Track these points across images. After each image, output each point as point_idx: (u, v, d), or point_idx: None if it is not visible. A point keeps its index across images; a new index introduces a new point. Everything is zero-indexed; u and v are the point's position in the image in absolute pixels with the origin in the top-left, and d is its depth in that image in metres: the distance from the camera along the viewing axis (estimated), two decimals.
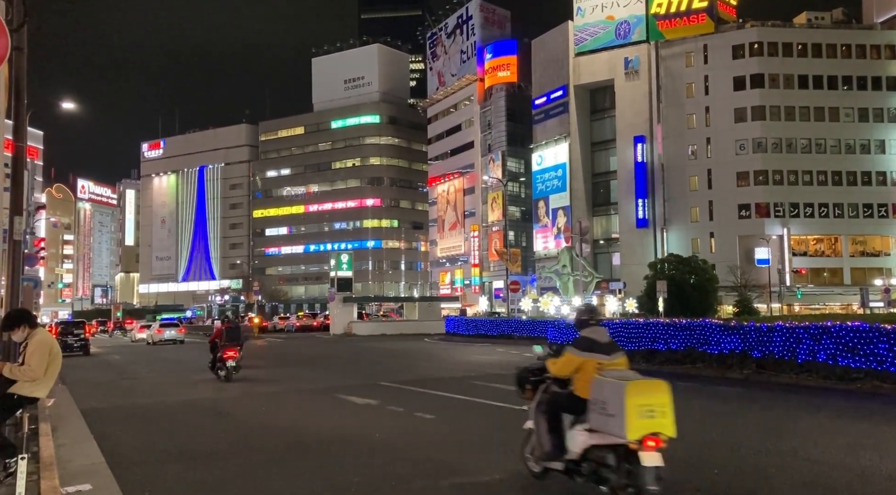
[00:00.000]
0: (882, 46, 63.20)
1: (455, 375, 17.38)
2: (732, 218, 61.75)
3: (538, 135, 75.29)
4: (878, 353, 12.75)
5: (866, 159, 62.60)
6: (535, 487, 6.44)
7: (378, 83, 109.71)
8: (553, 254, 66.53)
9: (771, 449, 7.82)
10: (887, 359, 12.61)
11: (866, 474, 6.63)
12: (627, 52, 67.15)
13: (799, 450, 7.74)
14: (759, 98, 61.74)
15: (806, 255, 62.51)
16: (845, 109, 62.57)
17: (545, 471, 6.31)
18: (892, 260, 61.91)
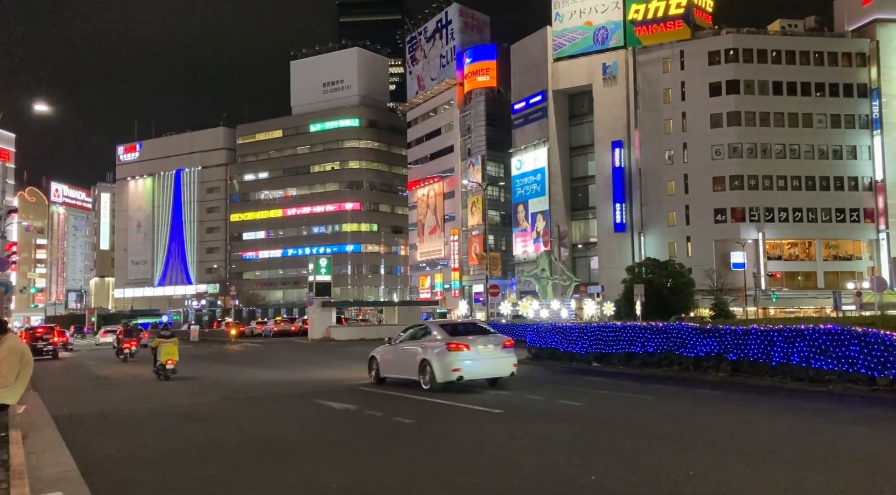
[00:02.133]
0: (853, 54, 64.41)
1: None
2: (708, 222, 62.45)
3: (517, 140, 75.60)
4: (850, 355, 12.96)
5: (839, 164, 63.70)
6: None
7: (357, 87, 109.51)
8: (532, 258, 66.73)
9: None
10: (858, 360, 12.82)
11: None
12: (605, 57, 67.71)
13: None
14: (734, 104, 62.57)
15: (780, 259, 63.37)
16: (818, 115, 63.65)
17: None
18: (863, 263, 62.98)
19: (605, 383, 15.64)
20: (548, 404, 12.40)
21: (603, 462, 7.60)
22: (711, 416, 10.83)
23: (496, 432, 9.77)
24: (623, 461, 7.63)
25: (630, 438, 8.98)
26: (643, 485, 6.51)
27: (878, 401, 11.98)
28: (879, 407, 11.29)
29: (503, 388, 14.88)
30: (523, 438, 9.27)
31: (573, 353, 20.18)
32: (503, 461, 7.74)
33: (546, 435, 9.50)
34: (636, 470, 7.13)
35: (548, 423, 10.38)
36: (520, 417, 11.03)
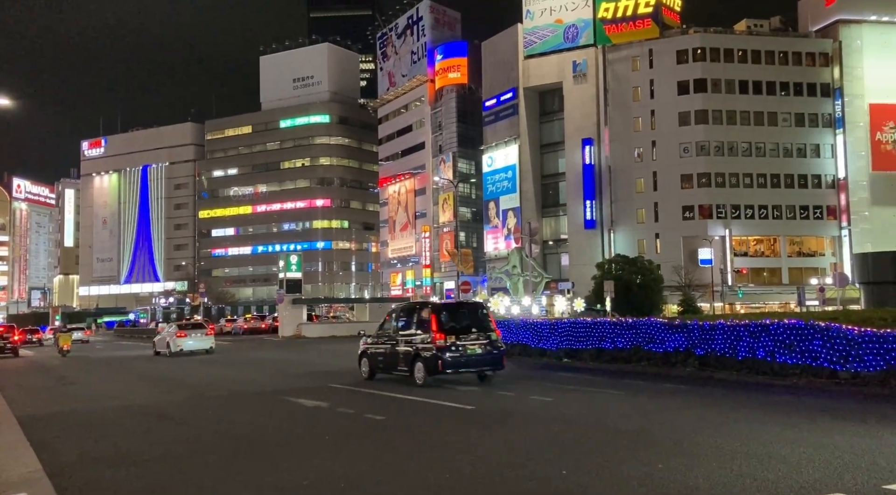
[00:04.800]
0: (816, 54, 65.75)
1: (405, 375, 17.34)
2: (677, 219, 63.28)
3: (488, 137, 75.79)
4: (813, 350, 13.26)
5: (803, 162, 65.02)
6: None
7: (328, 83, 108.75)
8: (503, 254, 67.04)
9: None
10: (821, 354, 13.12)
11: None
12: (576, 55, 68.17)
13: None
14: (701, 102, 63.46)
15: (746, 256, 64.51)
16: (783, 114, 64.87)
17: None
18: (826, 260, 64.40)
19: (575, 378, 15.78)
20: (519, 400, 12.48)
21: (574, 456, 7.68)
22: (679, 411, 10.99)
23: (468, 428, 9.81)
24: (593, 455, 7.72)
25: (600, 433, 9.08)
26: (613, 479, 6.60)
27: (840, 394, 12.28)
28: (840, 401, 11.58)
29: (474, 384, 14.94)
30: (495, 434, 9.32)
31: (544, 349, 20.33)
32: (475, 456, 7.78)
33: (517, 430, 9.56)
34: (606, 465, 7.22)
35: (519, 419, 10.45)
36: (491, 413, 11.09)
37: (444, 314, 15.20)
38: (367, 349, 16.79)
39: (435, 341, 14.50)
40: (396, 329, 16.02)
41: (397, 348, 15.58)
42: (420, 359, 14.75)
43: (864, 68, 64.88)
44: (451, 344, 14.52)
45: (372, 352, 16.58)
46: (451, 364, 14.52)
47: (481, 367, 15.10)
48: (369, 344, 16.87)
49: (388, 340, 16.08)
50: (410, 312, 16.14)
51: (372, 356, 16.55)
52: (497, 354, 15.12)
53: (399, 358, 15.48)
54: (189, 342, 30.94)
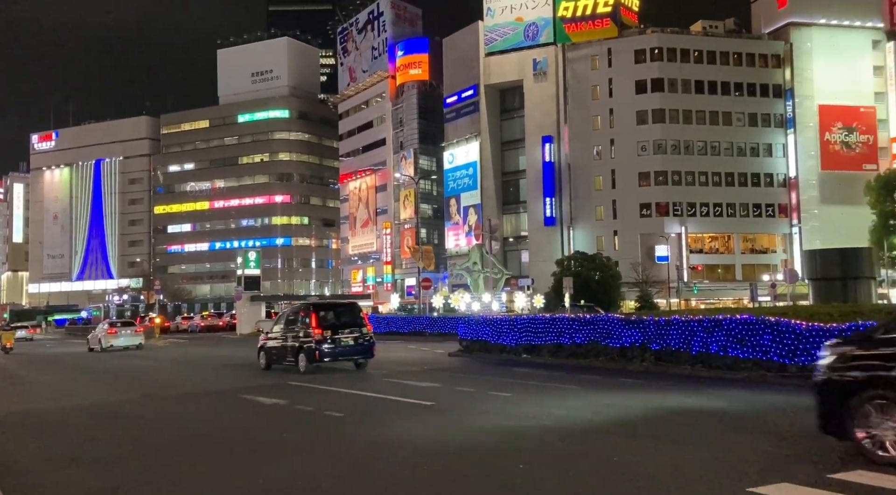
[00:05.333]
0: (769, 55, 67.45)
1: (366, 372, 17.33)
2: (634, 216, 64.27)
3: (450, 134, 75.85)
4: (763, 344, 13.63)
5: (756, 161, 66.67)
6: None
7: (287, 77, 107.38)
8: (465, 251, 67.19)
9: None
10: (771, 349, 13.50)
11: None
12: (536, 53, 68.64)
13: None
14: (659, 101, 64.54)
15: (702, 253, 65.87)
16: (737, 114, 66.39)
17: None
18: (778, 256, 66.15)
19: (534, 374, 15.93)
20: (478, 395, 12.54)
21: (532, 450, 7.76)
22: (633, 404, 11.18)
23: (427, 424, 9.83)
24: (551, 449, 7.81)
25: (558, 428, 9.19)
26: (571, 472, 6.69)
27: (788, 388, 12.65)
28: (786, 393, 11.92)
29: (435, 381, 14.97)
30: (454, 429, 9.35)
31: (504, 345, 20.47)
32: (434, 452, 7.80)
33: (476, 425, 9.61)
34: (564, 458, 7.31)
35: (478, 414, 10.51)
36: (451, 409, 11.12)
37: (322, 313, 18.05)
38: (265, 344, 19.49)
39: (314, 336, 17.33)
40: (286, 327, 18.80)
41: (286, 343, 18.34)
42: (302, 351, 17.57)
43: (814, 70, 66.78)
44: (327, 337, 17.31)
45: (268, 347, 19.25)
46: (328, 354, 17.38)
47: (354, 356, 17.95)
48: (266, 339, 19.56)
49: (279, 337, 18.84)
50: (297, 312, 18.95)
51: (268, 350, 19.20)
52: (367, 345, 17.93)
53: (287, 350, 18.22)
54: (119, 339, 32.70)
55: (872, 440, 6.53)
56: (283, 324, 19.11)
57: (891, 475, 6.06)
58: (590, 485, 6.22)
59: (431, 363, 20.18)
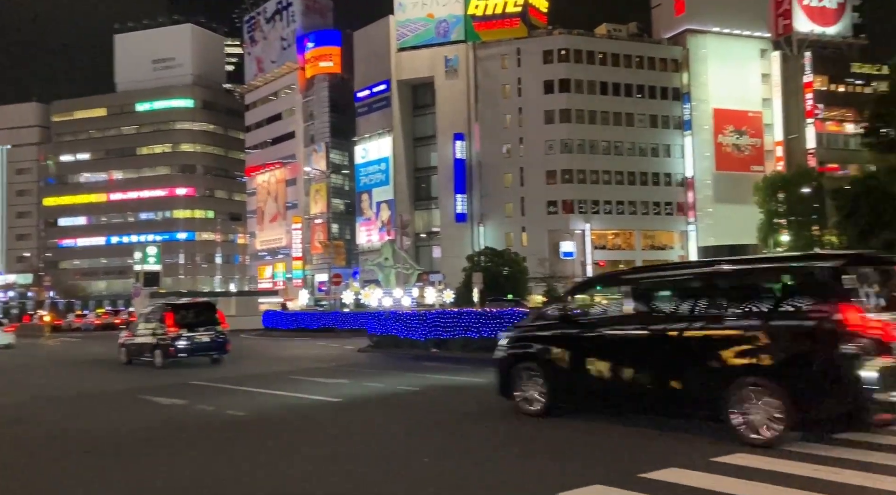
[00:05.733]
0: (668, 60, 70.64)
1: (272, 371, 16.96)
2: (542, 213, 65.85)
3: (362, 128, 75.23)
4: None
5: (656, 162, 69.73)
6: None
7: (191, 65, 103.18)
8: (377, 247, 66.81)
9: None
10: None
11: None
12: (447, 50, 69.06)
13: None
14: (566, 101, 66.34)
15: (605, 249, 68.28)
16: (639, 116, 69.20)
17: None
18: (676, 252, 69.41)
19: (443, 368, 16.06)
20: (387, 391, 12.53)
21: (440, 444, 7.83)
22: None
23: (334, 421, 9.73)
24: (462, 443, 7.90)
25: (466, 421, 9.30)
26: (477, 466, 6.79)
27: None
28: None
29: (343, 377, 14.84)
30: (362, 426, 9.31)
31: (413, 340, 20.51)
32: (341, 449, 7.74)
33: (385, 421, 9.61)
34: (472, 451, 7.41)
35: (387, 410, 10.50)
36: (359, 405, 11.06)
37: (178, 312, 19.23)
38: (125, 341, 20.65)
39: (169, 333, 18.55)
40: (146, 325, 19.90)
41: (145, 340, 19.41)
42: (158, 347, 18.68)
43: (709, 75, 70.46)
44: (182, 335, 18.55)
45: (128, 343, 20.39)
46: (182, 350, 18.53)
47: (209, 353, 19.16)
48: (128, 336, 20.67)
49: (139, 334, 19.99)
50: (155, 312, 20.06)
51: (129, 346, 20.31)
52: (221, 341, 19.21)
53: (145, 347, 19.27)
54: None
55: (525, 398, 8.99)
56: (144, 322, 20.27)
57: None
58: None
59: (340, 359, 20.02)
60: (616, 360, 8.16)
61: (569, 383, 8.69)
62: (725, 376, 7.20)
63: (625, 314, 8.42)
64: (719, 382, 7.21)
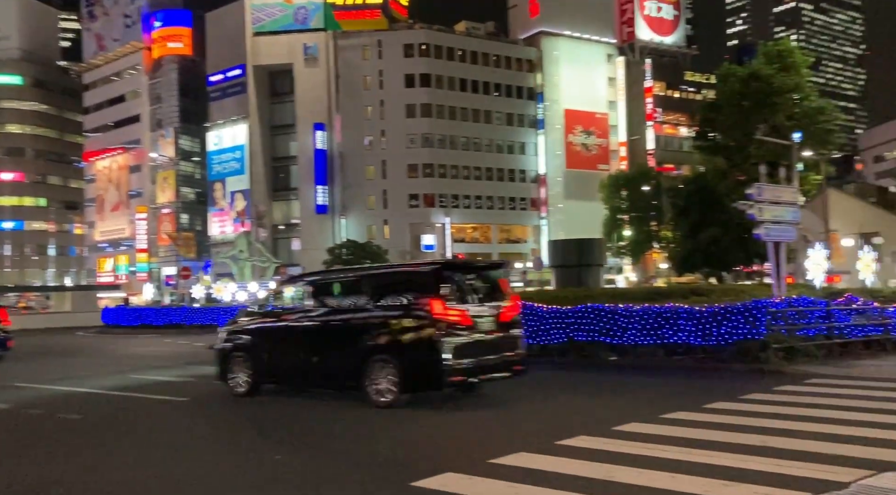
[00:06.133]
0: (524, 60, 73.34)
1: (110, 370, 15.77)
2: (404, 206, 66.24)
3: (215, 114, 71.85)
4: None
5: (511, 158, 72.26)
6: None
7: (18, 39, 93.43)
8: (231, 238, 64.25)
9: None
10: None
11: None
12: (307, 38, 67.48)
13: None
14: (426, 96, 67.04)
15: (464, 242, 69.82)
16: (497, 113, 71.35)
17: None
18: (529, 246, 72.35)
19: None
20: (225, 388, 12.01)
21: (288, 441, 7.62)
22: None
23: (178, 421, 9.22)
24: (307, 439, 7.73)
25: (321, 417, 9.13)
26: (329, 460, 6.66)
27: (530, 365, 13.87)
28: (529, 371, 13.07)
29: (190, 375, 14.10)
30: (208, 425, 8.90)
31: None
32: (183, 449, 7.34)
33: (232, 419, 9.25)
34: (321, 446, 7.27)
35: (234, 407, 10.09)
36: (206, 404, 10.56)
37: None
38: None
39: None
40: None
41: None
42: None
43: (561, 76, 73.95)
44: None
45: None
46: None
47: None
48: None
49: None
50: None
51: None
52: (1, 339, 18.87)
53: None
54: None
55: (236, 382, 10.59)
56: None
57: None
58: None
59: (187, 357, 19.00)
60: (296, 345, 10.15)
61: (266, 366, 10.48)
62: (363, 355, 9.21)
63: (304, 307, 10.47)
64: (359, 360, 9.22)
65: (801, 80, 44.12)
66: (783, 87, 42.12)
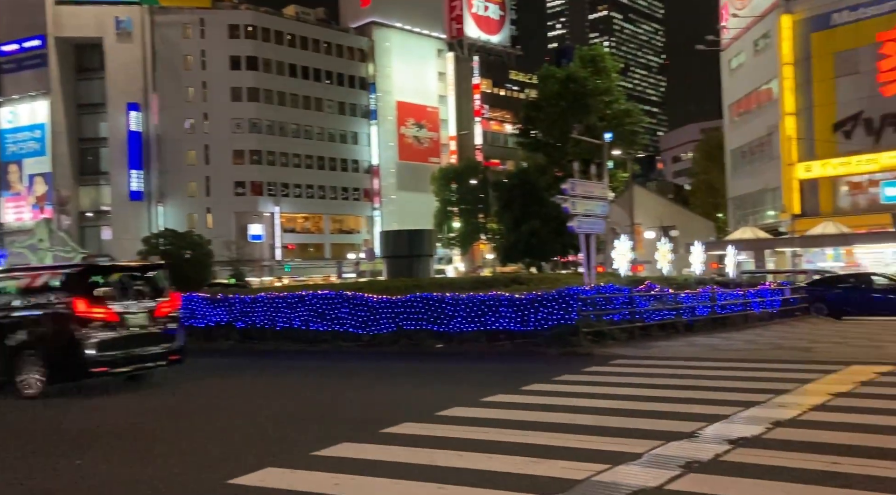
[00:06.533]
0: (355, 49, 72.82)
1: None
2: (229, 194, 63.34)
3: (9, 88, 64.10)
4: (341, 317, 14.72)
5: (344, 148, 71.60)
6: None
7: None
8: (30, 226, 57.62)
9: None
10: (347, 321, 14.65)
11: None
12: (119, 11, 62.15)
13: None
14: (254, 80, 64.44)
15: (295, 232, 68.28)
16: (328, 102, 70.25)
17: None
18: (362, 237, 72.24)
19: None
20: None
21: (80, 443, 7.04)
22: (223, 381, 11.03)
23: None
24: (124, 437, 7.20)
25: (129, 412, 8.52)
26: (138, 463, 6.24)
27: (360, 355, 13.94)
28: (359, 360, 13.10)
29: None
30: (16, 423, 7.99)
31: None
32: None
33: (41, 417, 8.36)
34: (130, 445, 6.80)
35: (45, 405, 9.14)
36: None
37: None
38: None
39: None
40: None
41: None
42: None
43: (393, 68, 74.41)
44: None
45: None
46: None
47: None
48: None
49: None
50: None
51: None
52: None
53: None
54: None
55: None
56: None
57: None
58: None
59: None
60: None
61: None
62: (16, 350, 9.91)
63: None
64: (13, 355, 9.93)
65: (612, 84, 47.93)
66: (596, 90, 45.48)
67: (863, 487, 4.63)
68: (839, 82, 35.34)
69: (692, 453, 5.59)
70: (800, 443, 5.78)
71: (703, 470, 5.15)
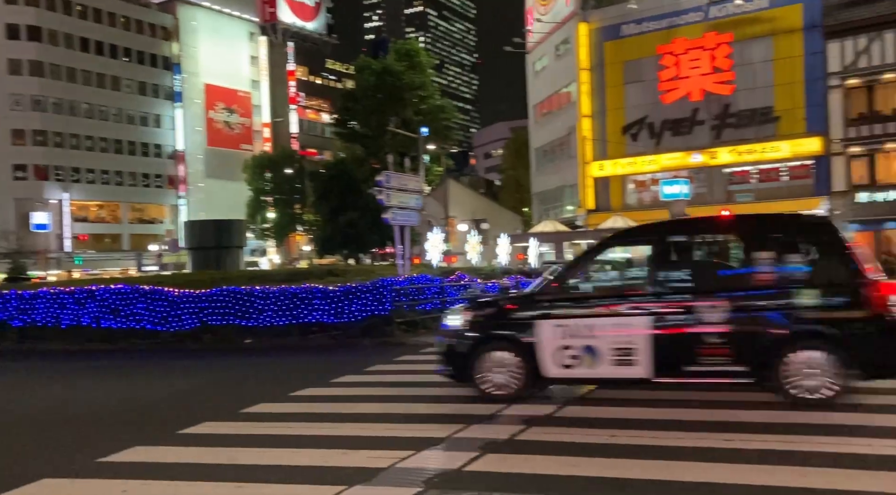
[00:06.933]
0: (158, 27, 67.74)
1: None
2: (7, 179, 56.55)
3: None
4: (137, 313, 13.65)
5: (145, 131, 66.43)
6: None
7: None
8: None
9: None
10: (144, 317, 13.62)
11: None
12: None
13: None
14: (36, 52, 57.75)
15: (87, 221, 62.43)
16: (126, 81, 64.72)
17: None
18: (166, 227, 67.61)
19: None
20: None
21: None
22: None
23: None
24: None
25: None
26: None
27: (160, 352, 13.04)
28: (157, 359, 12.26)
29: None
30: None
31: None
32: None
33: None
34: None
35: None
36: None
37: None
38: None
39: None
40: None
41: None
42: None
43: (200, 49, 70.26)
44: None
45: None
46: None
47: None
48: None
49: None
50: None
51: None
52: None
53: None
54: None
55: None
56: None
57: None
58: None
59: None
60: None
61: None
62: None
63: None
64: None
65: (427, 79, 48.99)
66: (411, 84, 46.27)
67: (634, 456, 5.12)
68: (628, 89, 38.84)
69: (491, 434, 5.86)
70: (584, 420, 6.29)
71: (500, 450, 5.41)
